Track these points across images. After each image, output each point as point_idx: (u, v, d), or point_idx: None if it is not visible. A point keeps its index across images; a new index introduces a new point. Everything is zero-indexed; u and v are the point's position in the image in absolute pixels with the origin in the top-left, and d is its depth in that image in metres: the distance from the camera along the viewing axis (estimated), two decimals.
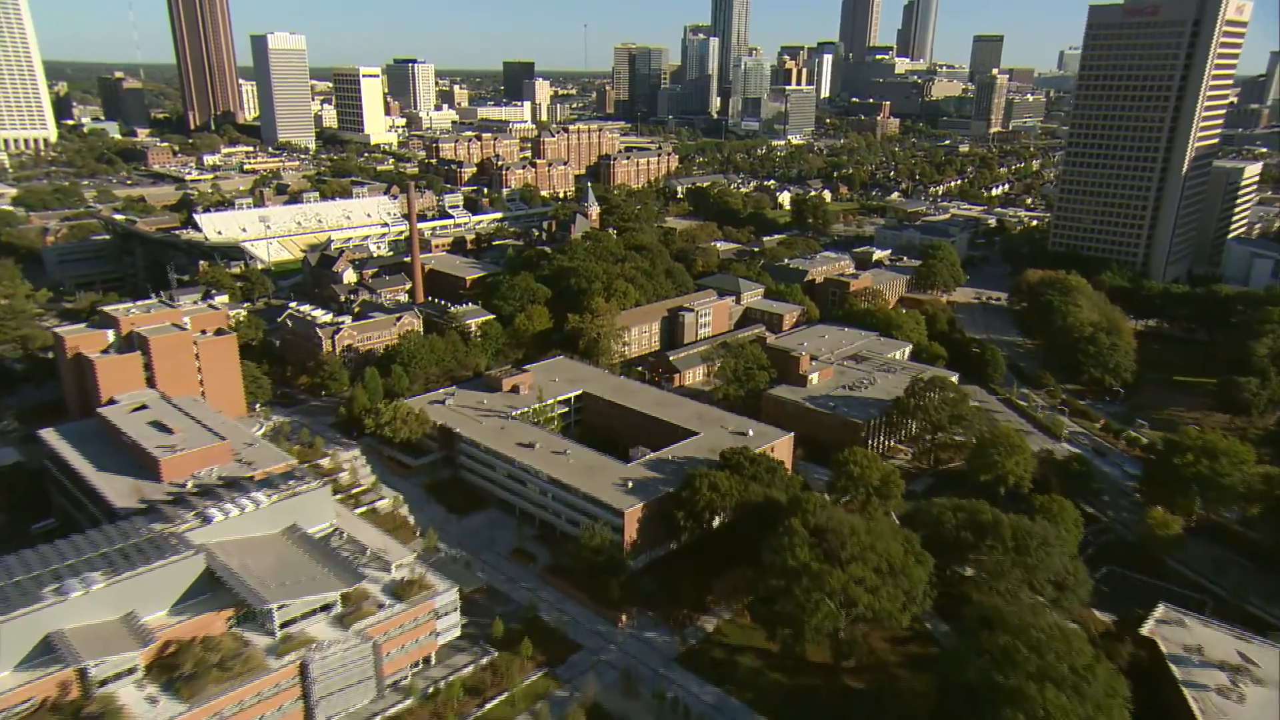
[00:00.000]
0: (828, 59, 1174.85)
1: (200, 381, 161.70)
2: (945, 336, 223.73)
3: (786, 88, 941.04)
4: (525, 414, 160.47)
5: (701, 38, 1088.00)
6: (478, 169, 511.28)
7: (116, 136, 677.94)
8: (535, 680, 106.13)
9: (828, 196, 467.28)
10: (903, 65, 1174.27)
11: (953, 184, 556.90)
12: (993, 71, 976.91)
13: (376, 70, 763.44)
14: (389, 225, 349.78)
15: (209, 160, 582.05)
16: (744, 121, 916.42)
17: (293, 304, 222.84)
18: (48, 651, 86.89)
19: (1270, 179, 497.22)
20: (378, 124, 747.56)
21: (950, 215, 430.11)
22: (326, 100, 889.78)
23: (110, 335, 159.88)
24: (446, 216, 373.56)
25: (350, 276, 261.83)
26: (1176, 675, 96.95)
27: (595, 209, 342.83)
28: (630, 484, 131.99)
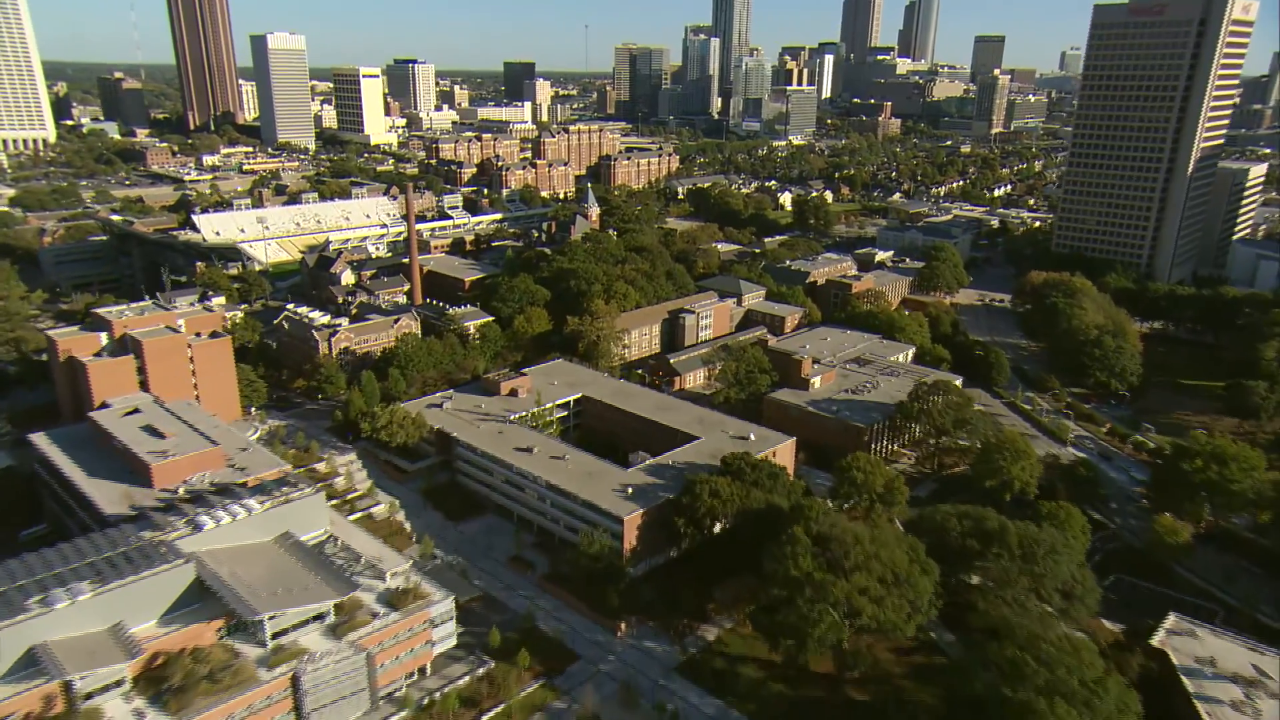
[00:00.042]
0: (829, 59, 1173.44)
1: (194, 385, 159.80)
2: (948, 339, 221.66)
3: (787, 88, 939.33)
4: (524, 418, 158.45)
5: (702, 38, 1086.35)
6: (478, 170, 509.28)
7: (115, 137, 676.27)
8: (533, 691, 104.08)
9: (829, 197, 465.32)
10: (904, 66, 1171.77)
11: (955, 185, 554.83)
12: (994, 72, 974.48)
13: (376, 70, 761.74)
14: (388, 226, 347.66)
15: (208, 161, 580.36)
16: (745, 122, 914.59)
17: (290, 306, 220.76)
18: (32, 664, 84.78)
19: (1275, 180, 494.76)
20: (378, 124, 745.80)
21: (952, 216, 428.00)
22: (326, 101, 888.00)
23: (103, 338, 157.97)
24: (446, 217, 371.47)
25: (348, 278, 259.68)
26: (1189, 688, 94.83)
27: (595, 210, 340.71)
28: (630, 490, 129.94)
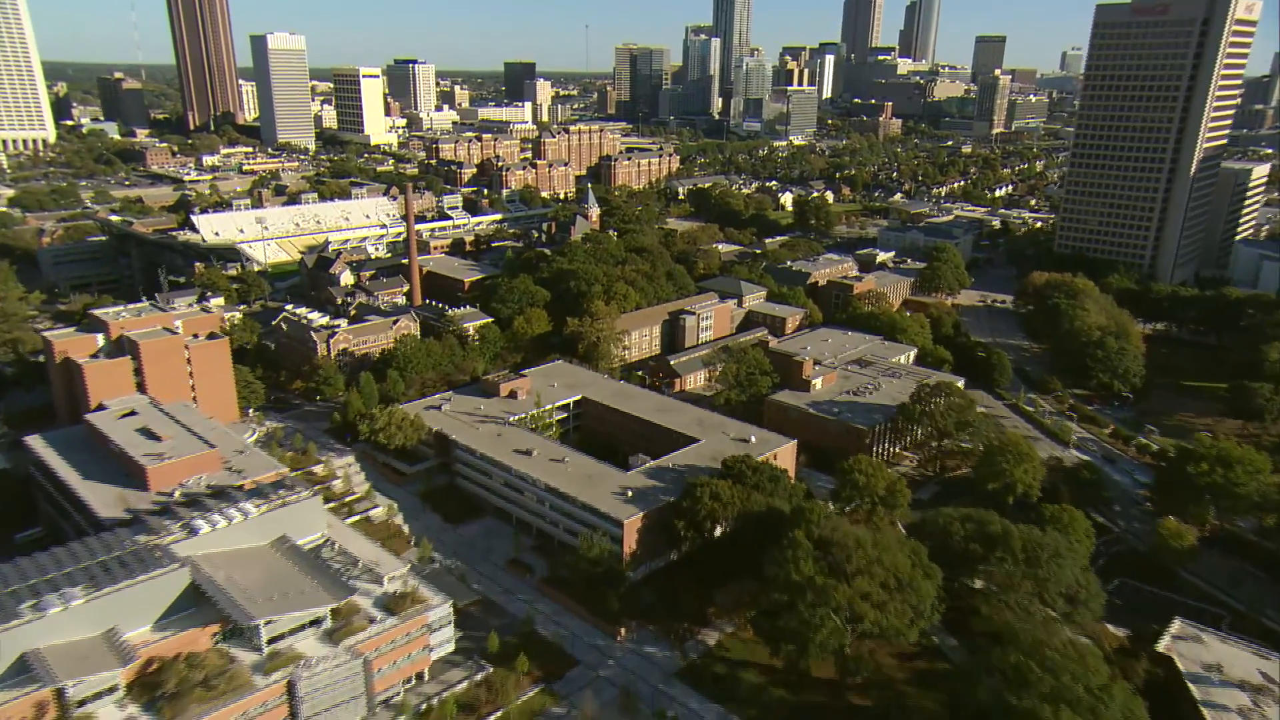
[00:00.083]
0: (829, 59, 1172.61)
1: (192, 386, 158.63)
2: (950, 340, 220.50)
3: (788, 88, 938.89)
4: (523, 420, 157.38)
5: (703, 38, 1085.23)
6: (478, 170, 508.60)
7: (115, 137, 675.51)
8: (531, 697, 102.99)
9: (830, 198, 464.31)
10: (905, 66, 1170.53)
11: (956, 185, 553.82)
12: (995, 72, 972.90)
13: (377, 71, 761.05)
14: (387, 227, 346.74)
15: (208, 161, 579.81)
16: (746, 122, 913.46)
17: (289, 306, 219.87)
18: (24, 671, 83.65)
19: (1277, 180, 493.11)
20: (378, 125, 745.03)
21: (953, 217, 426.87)
22: (326, 101, 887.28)
23: (100, 339, 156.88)
24: (445, 218, 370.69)
25: (347, 279, 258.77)
26: (1195, 695, 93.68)
27: (596, 210, 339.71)
28: (630, 493, 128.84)
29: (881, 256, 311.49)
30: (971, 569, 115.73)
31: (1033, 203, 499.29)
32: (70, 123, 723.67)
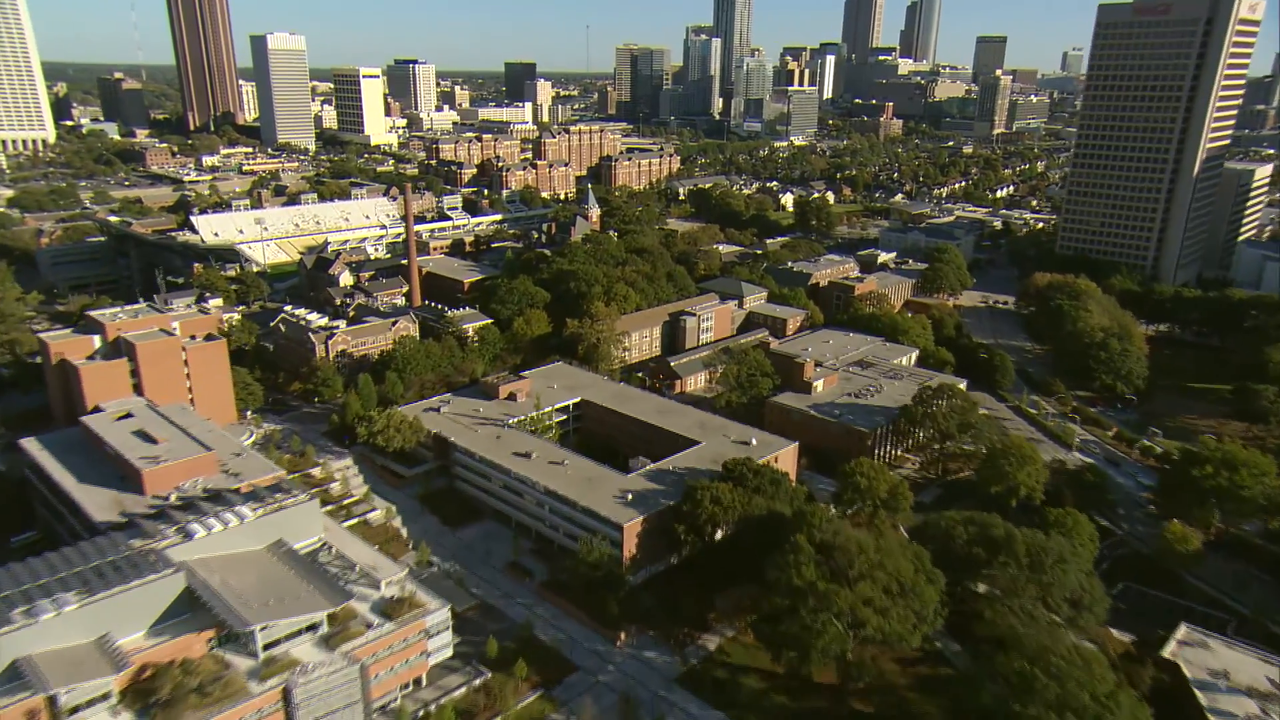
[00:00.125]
0: (830, 60, 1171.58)
1: (189, 388, 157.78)
2: (952, 342, 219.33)
3: (789, 89, 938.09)
4: (522, 422, 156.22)
5: (703, 38, 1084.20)
6: (478, 170, 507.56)
7: (115, 137, 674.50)
8: (530, 703, 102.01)
9: (831, 198, 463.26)
10: (906, 66, 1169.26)
11: (957, 186, 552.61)
12: (996, 72, 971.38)
13: (377, 71, 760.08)
14: (387, 227, 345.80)
15: (208, 161, 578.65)
16: (746, 122, 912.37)
17: (287, 307, 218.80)
18: (15, 678, 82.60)
19: None
20: (378, 125, 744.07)
21: (955, 217, 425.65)
22: (327, 101, 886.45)
23: (96, 341, 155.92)
24: (445, 218, 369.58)
25: (346, 279, 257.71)
26: (1202, 702, 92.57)
27: (596, 211, 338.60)
28: (630, 496, 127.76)
29: (883, 257, 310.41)
30: (975, 573, 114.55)
31: (1034, 203, 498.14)
32: (70, 123, 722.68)
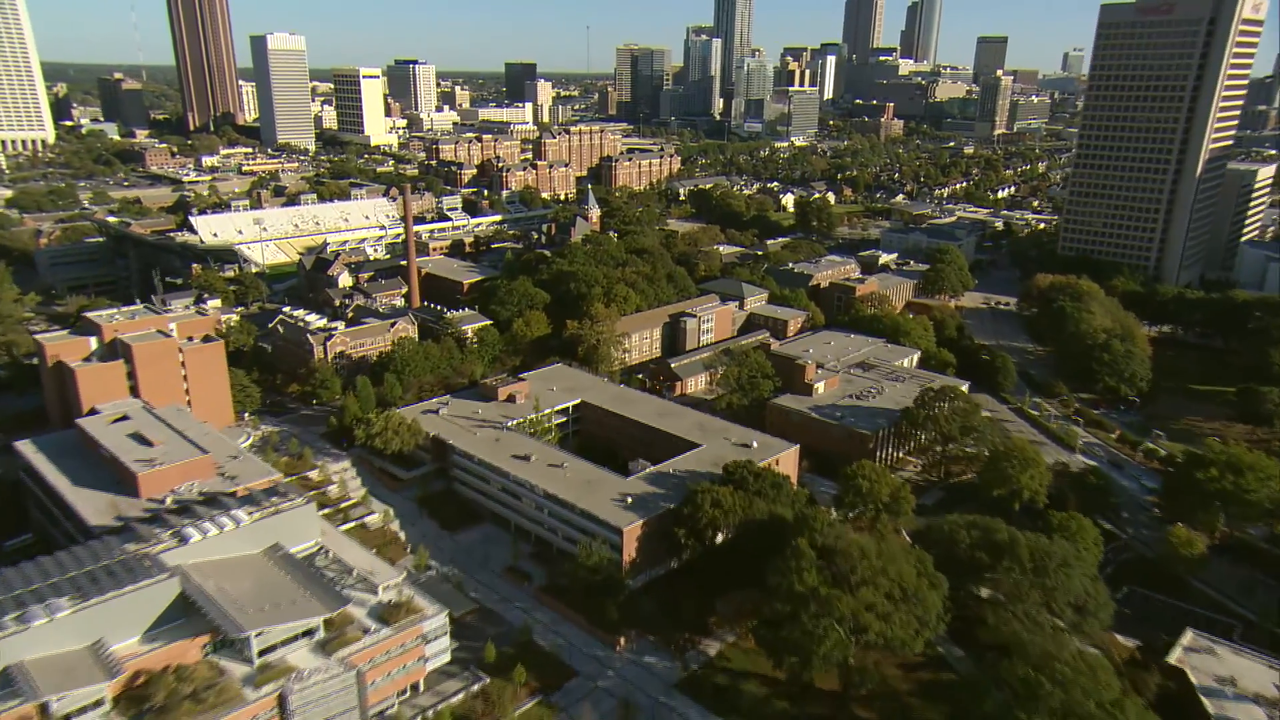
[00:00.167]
0: (831, 60, 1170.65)
1: (186, 390, 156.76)
2: (954, 343, 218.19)
3: (789, 89, 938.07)
4: (521, 424, 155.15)
5: (704, 39, 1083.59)
6: (478, 171, 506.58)
7: (115, 138, 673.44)
8: (529, 709, 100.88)
9: (832, 199, 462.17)
10: (906, 66, 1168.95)
11: (958, 186, 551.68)
12: (997, 73, 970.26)
13: (377, 71, 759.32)
14: (386, 228, 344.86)
15: (207, 162, 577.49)
16: (747, 123, 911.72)
17: (286, 309, 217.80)
18: (6, 685, 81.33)
19: None
20: (378, 125, 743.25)
21: (956, 218, 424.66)
22: (327, 101, 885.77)
23: (93, 342, 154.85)
24: (445, 219, 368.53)
25: (346, 280, 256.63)
26: (1209, 710, 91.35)
27: (596, 211, 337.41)
28: (629, 499, 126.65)
29: (884, 258, 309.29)
30: (978, 578, 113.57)
31: (1035, 204, 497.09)
32: (70, 123, 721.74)
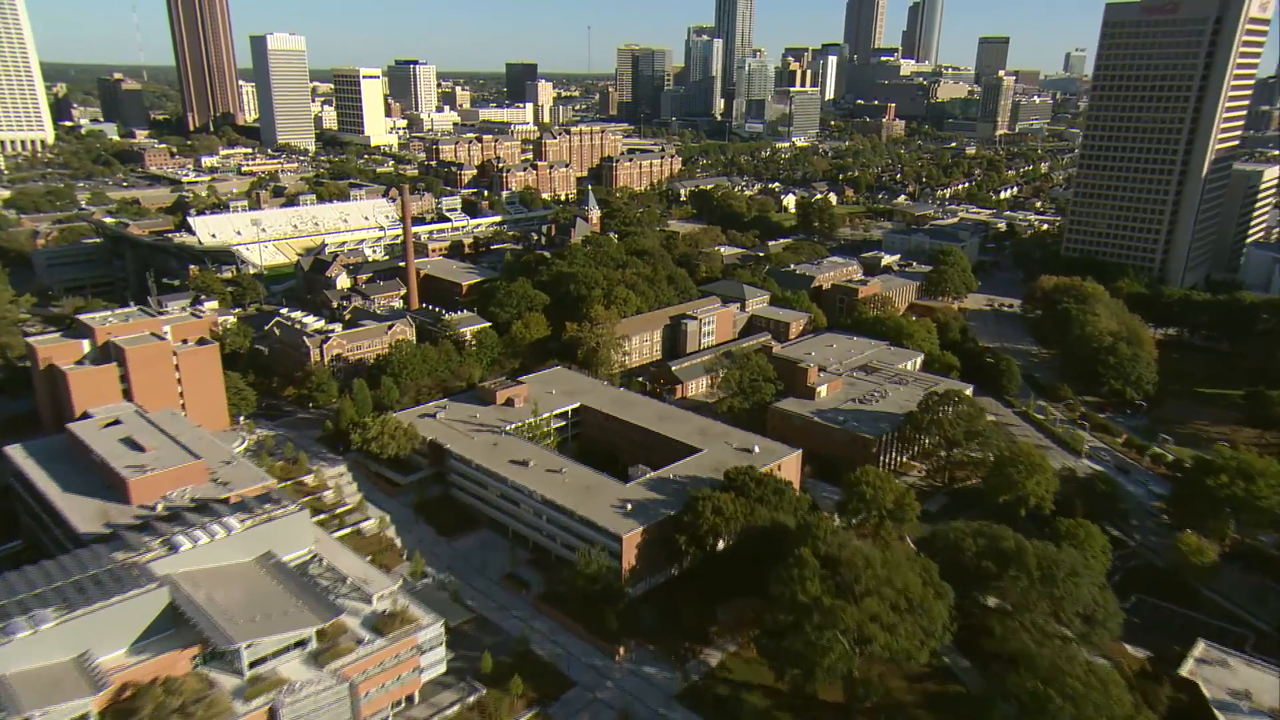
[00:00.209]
0: (832, 60, 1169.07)
1: (180, 394, 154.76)
2: (958, 346, 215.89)
3: (791, 89, 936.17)
4: (520, 429, 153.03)
5: (705, 39, 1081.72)
6: (478, 171, 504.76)
7: (114, 138, 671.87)
8: None
9: (833, 200, 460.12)
10: (908, 67, 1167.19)
11: (960, 187, 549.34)
12: (998, 73, 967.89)
13: (377, 71, 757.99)
14: (385, 229, 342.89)
15: (207, 162, 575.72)
16: (748, 123, 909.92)
17: (283, 310, 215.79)
18: None
19: None
20: (378, 126, 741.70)
21: (958, 219, 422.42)
22: (327, 102, 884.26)
23: (85, 345, 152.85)
24: (444, 220, 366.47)
25: (344, 282, 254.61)
26: None
27: (596, 212, 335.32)
28: (629, 506, 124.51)
29: (886, 259, 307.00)
30: (984, 587, 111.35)
31: (1038, 205, 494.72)
32: (69, 124, 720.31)
